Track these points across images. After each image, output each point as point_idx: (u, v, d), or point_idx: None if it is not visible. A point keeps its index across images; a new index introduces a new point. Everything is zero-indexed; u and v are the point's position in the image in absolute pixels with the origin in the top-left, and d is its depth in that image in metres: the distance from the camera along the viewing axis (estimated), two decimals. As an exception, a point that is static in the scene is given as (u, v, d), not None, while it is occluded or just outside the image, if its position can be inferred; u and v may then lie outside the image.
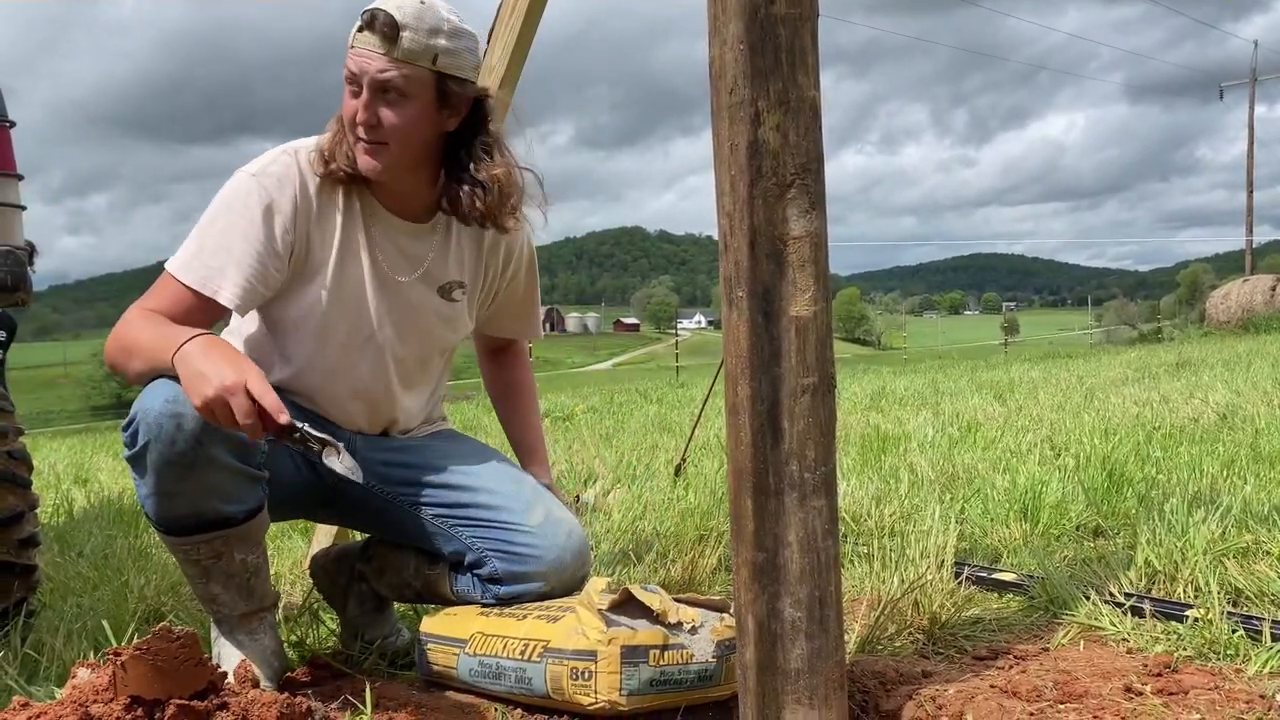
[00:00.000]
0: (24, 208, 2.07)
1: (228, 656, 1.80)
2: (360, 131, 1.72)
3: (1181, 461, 3.68)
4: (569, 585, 1.87)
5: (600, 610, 1.62)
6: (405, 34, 1.66)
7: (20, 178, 2.06)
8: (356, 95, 1.71)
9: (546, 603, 1.82)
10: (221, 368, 1.51)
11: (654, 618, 1.63)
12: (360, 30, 1.69)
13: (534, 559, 1.85)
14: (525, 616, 1.76)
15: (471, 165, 1.79)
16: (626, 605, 1.64)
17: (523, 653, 1.67)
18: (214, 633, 1.85)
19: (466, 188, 1.79)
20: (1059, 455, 4.12)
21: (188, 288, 1.68)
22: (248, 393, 1.50)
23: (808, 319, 1.43)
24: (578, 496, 3.63)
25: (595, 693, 1.58)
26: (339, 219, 1.80)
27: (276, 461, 1.78)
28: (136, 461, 1.65)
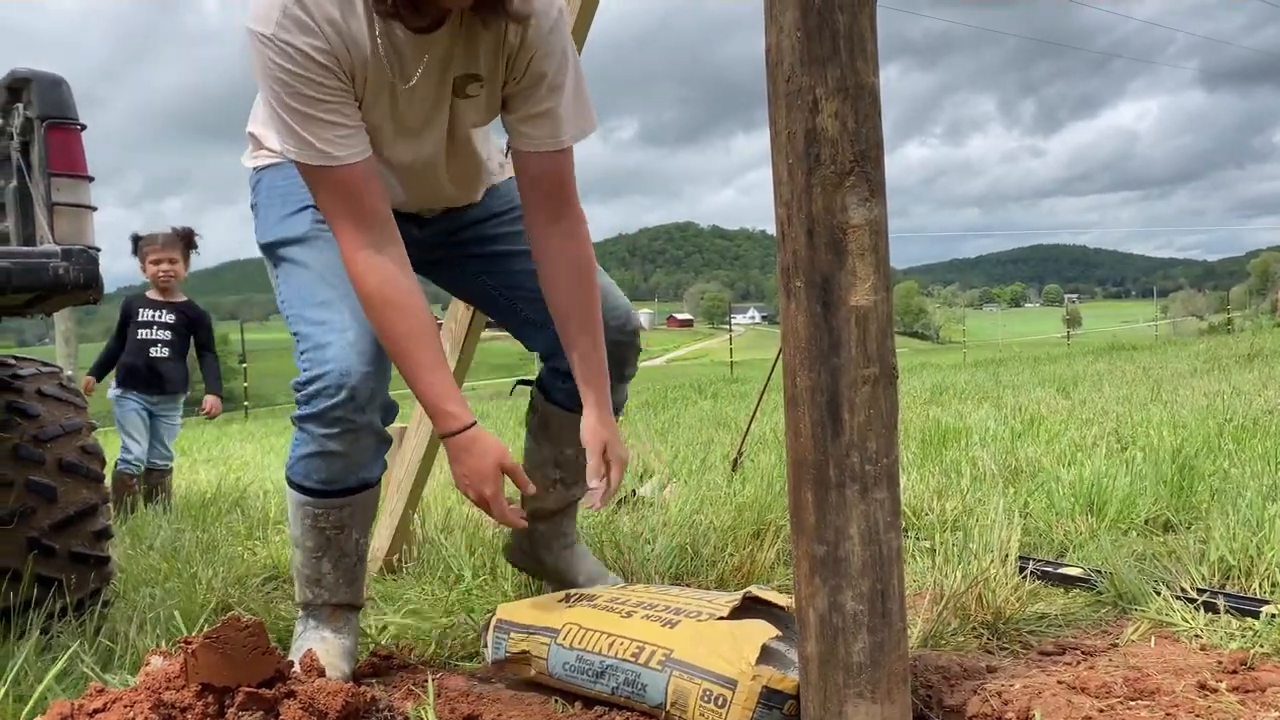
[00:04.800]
0: (95, 209, 2.13)
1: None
2: None
3: (1255, 454, 3.57)
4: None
5: (742, 637, 1.54)
6: None
7: (91, 179, 2.12)
8: None
9: (647, 596, 1.75)
10: (474, 478, 1.74)
11: (782, 611, 1.60)
12: None
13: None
14: (630, 614, 1.68)
15: None
16: (747, 610, 1.60)
17: (637, 655, 1.59)
18: (298, 628, 1.94)
19: None
20: (1126, 448, 4.02)
21: (331, 168, 1.65)
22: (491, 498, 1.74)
23: (868, 308, 1.41)
24: (633, 491, 3.64)
25: None
26: (368, 44, 1.68)
27: None
28: (308, 420, 1.78)
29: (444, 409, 1.72)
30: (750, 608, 1.61)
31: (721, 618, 1.57)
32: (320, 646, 1.85)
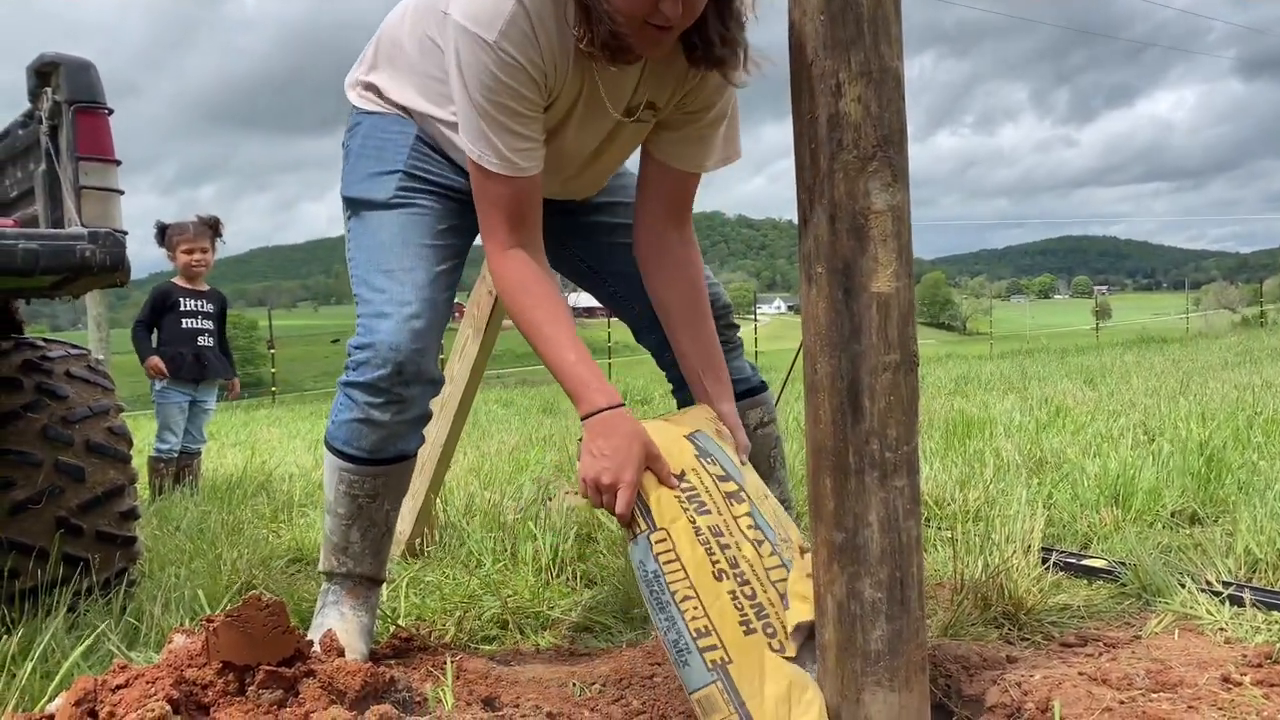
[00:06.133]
0: (122, 192, 2.15)
1: (327, 627, 1.84)
2: (660, 21, 1.57)
3: (1285, 448, 3.53)
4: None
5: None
6: None
7: (118, 163, 2.13)
8: None
9: (748, 548, 1.58)
10: (615, 460, 1.60)
11: None
12: None
13: None
14: (721, 576, 1.54)
15: (722, 22, 1.66)
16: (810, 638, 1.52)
17: (699, 636, 1.50)
18: (320, 601, 1.96)
19: (716, 40, 1.65)
20: (1153, 440, 3.98)
21: (509, 177, 1.68)
22: (628, 485, 1.59)
23: (889, 295, 1.40)
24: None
25: None
26: (569, 69, 1.70)
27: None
28: (355, 387, 1.81)
29: (590, 385, 1.68)
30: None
31: (789, 657, 1.50)
32: (339, 624, 1.88)
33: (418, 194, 1.88)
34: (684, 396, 2.03)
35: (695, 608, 1.51)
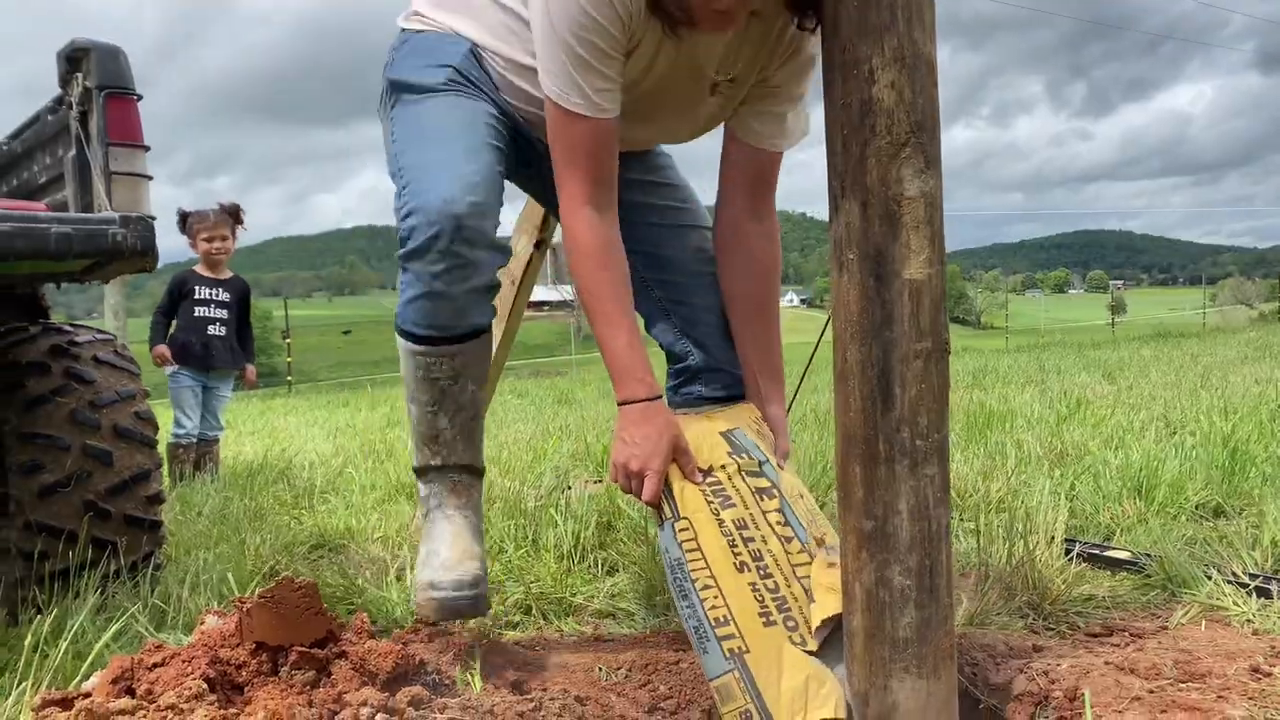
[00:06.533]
0: (150, 178, 2.16)
1: (440, 535, 1.81)
2: (721, 6, 1.54)
3: (1309, 441, 3.50)
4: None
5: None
6: None
7: (147, 148, 2.15)
8: None
9: (774, 543, 1.61)
10: (645, 448, 1.62)
11: None
12: None
13: None
14: (744, 568, 1.56)
15: None
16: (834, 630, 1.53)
17: (719, 624, 1.52)
18: (420, 511, 1.88)
19: None
20: (1175, 433, 3.96)
21: (592, 119, 1.63)
22: (655, 473, 1.62)
23: (922, 282, 1.39)
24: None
25: None
26: (645, 22, 1.65)
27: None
28: (413, 257, 1.68)
29: (633, 373, 1.66)
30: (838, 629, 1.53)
31: (811, 652, 1.51)
32: (449, 529, 1.82)
33: (470, 89, 1.80)
34: (682, 398, 1.95)
35: (715, 596, 1.53)
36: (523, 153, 1.87)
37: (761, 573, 1.57)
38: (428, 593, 1.74)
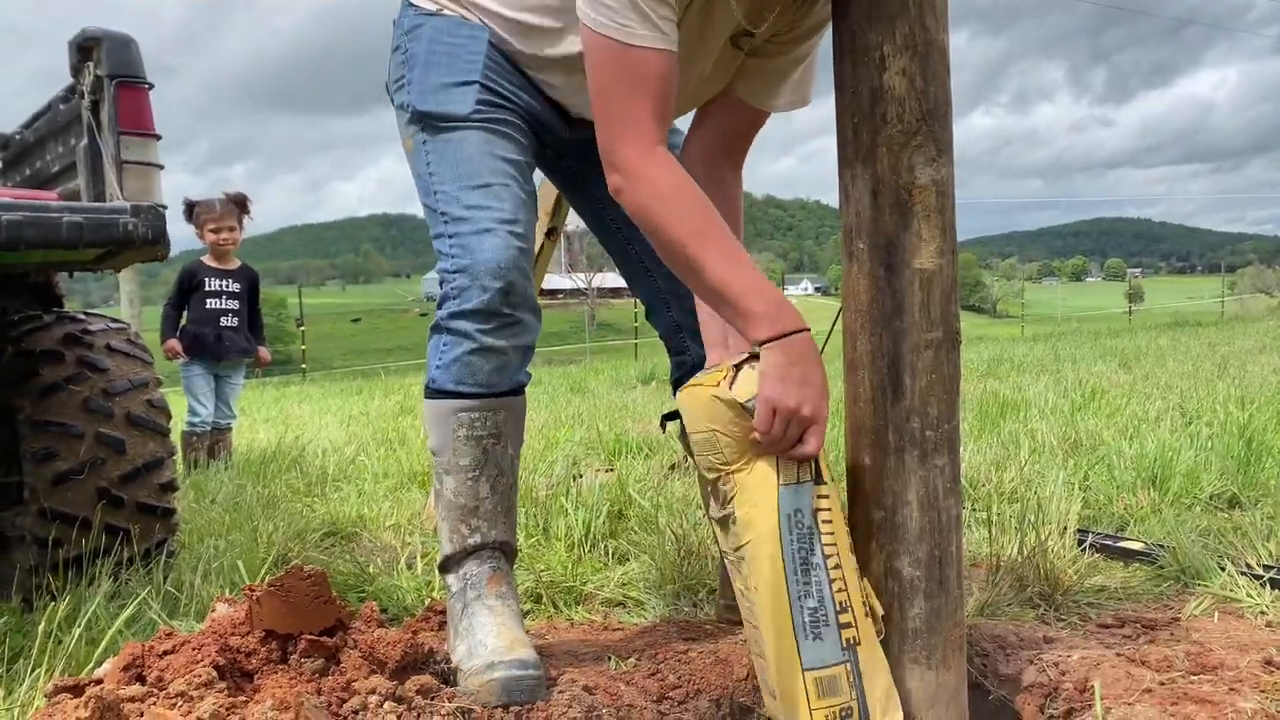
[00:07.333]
0: (162, 167, 2.17)
1: (483, 627, 1.62)
2: None
3: (1327, 432, 3.47)
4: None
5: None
6: None
7: (158, 137, 2.15)
8: None
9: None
10: (818, 392, 1.41)
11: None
12: None
13: None
14: (851, 549, 1.44)
15: None
16: None
17: (842, 609, 1.39)
18: (454, 610, 1.69)
19: None
20: (1191, 423, 3.93)
21: (659, 50, 1.53)
22: (824, 421, 1.43)
23: (932, 271, 1.39)
24: (672, 466, 3.65)
25: None
26: None
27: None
28: (463, 317, 1.65)
29: (780, 302, 1.44)
30: None
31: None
32: (493, 622, 1.63)
33: (498, 109, 1.76)
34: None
35: (841, 579, 1.40)
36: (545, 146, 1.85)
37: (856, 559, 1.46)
38: (486, 675, 1.51)
